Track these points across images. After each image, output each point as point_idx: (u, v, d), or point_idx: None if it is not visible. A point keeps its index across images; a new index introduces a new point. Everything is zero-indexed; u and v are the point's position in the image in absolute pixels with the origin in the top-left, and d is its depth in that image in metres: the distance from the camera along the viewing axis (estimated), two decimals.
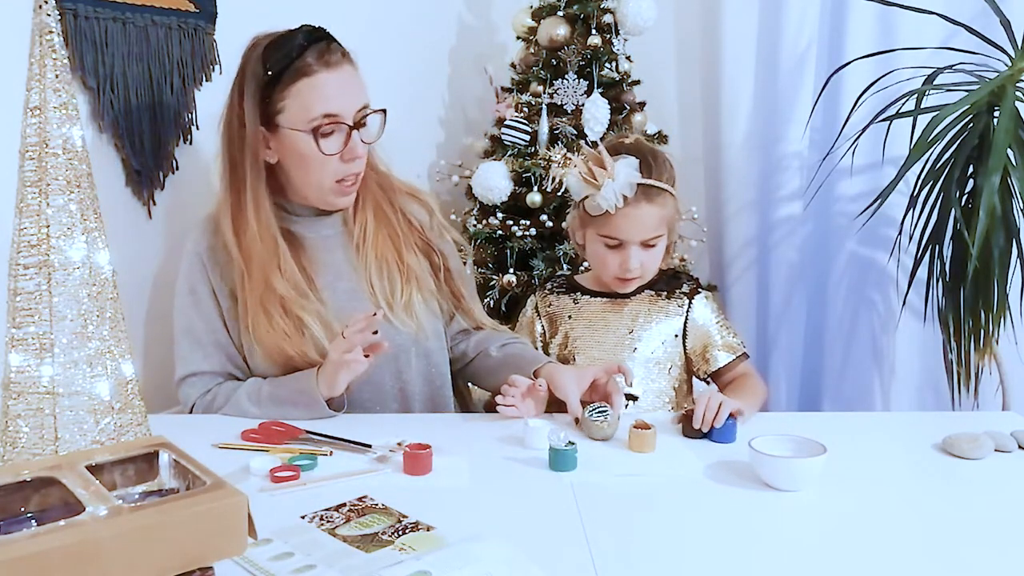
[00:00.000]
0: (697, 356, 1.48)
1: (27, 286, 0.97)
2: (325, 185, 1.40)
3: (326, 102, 1.35)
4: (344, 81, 1.37)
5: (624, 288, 1.48)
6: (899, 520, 1.03)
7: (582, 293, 1.53)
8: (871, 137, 1.86)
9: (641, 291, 1.50)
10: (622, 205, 1.38)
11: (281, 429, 1.29)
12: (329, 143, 1.36)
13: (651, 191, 1.40)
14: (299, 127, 1.35)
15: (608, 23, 1.99)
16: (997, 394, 1.79)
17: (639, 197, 1.39)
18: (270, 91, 1.36)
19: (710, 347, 1.46)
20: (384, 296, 1.42)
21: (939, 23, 1.76)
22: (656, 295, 1.49)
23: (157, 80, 1.57)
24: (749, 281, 2.15)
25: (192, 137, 1.66)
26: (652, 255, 1.44)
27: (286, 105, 1.36)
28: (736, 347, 1.47)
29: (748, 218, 2.11)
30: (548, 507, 1.05)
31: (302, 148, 1.37)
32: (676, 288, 1.49)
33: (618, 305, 1.50)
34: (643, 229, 1.41)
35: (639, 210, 1.40)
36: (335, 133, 1.37)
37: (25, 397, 0.97)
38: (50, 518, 0.74)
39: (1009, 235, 1.67)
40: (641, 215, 1.40)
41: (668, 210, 1.43)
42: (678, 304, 1.48)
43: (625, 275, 1.44)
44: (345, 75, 1.38)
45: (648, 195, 1.40)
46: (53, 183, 0.96)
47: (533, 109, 2.02)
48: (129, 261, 1.21)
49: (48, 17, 0.95)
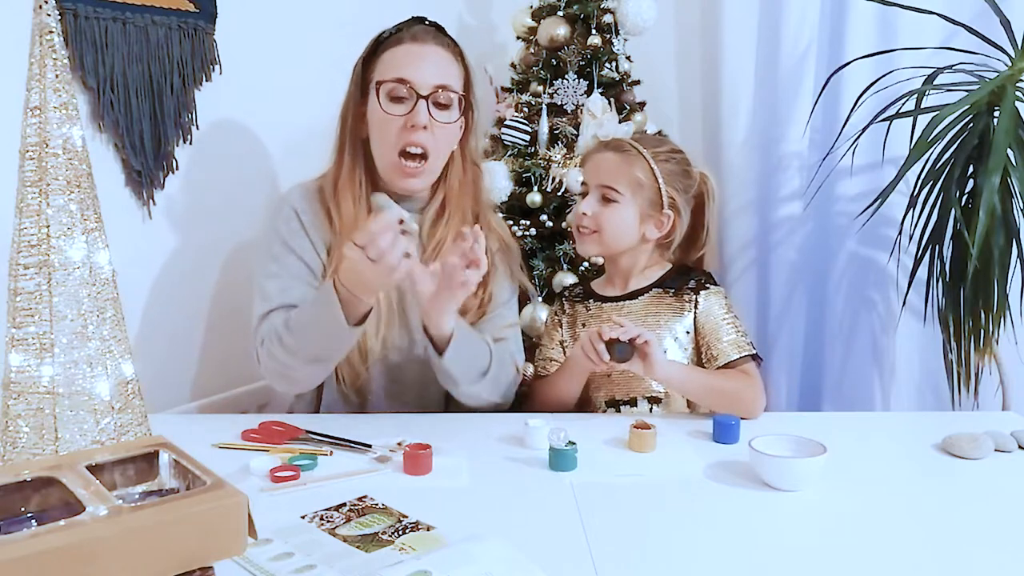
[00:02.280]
0: (704, 351, 1.47)
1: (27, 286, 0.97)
2: (387, 157, 1.41)
3: (400, 68, 1.39)
4: (426, 55, 1.40)
5: (581, 246, 1.52)
6: (899, 520, 1.03)
7: (595, 299, 1.54)
8: (871, 137, 1.85)
9: (649, 289, 1.50)
10: (589, 141, 1.50)
11: (281, 429, 1.29)
12: (394, 106, 1.39)
13: (622, 144, 1.49)
14: (374, 88, 1.40)
15: (608, 23, 1.99)
16: (997, 394, 1.79)
17: (608, 146, 1.50)
18: (368, 64, 1.43)
19: (717, 342, 1.45)
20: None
21: (939, 23, 1.76)
22: (664, 292, 1.49)
23: (157, 80, 1.57)
24: (749, 281, 2.15)
25: (192, 137, 1.66)
26: (608, 212, 1.46)
27: (373, 74, 1.41)
28: (743, 345, 1.45)
29: (748, 218, 2.11)
30: (548, 507, 1.05)
31: (373, 109, 1.41)
32: (684, 284, 1.49)
33: (627, 306, 1.50)
34: (600, 173, 1.48)
35: (602, 155, 1.49)
36: (405, 100, 1.39)
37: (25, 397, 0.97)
38: (50, 518, 0.74)
39: (1009, 235, 1.67)
40: (602, 158, 1.49)
41: (634, 170, 1.45)
42: (687, 300, 1.48)
43: (579, 221, 1.49)
44: (429, 51, 1.41)
45: (617, 147, 1.48)
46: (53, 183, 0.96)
47: (533, 109, 2.02)
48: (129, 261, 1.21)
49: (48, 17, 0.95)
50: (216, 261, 1.75)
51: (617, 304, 1.51)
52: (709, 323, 1.46)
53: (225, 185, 1.75)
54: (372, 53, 1.43)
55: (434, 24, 1.45)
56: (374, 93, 1.40)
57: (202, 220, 1.71)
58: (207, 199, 1.71)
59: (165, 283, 1.65)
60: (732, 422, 1.29)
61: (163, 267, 1.65)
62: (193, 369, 1.74)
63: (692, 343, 1.47)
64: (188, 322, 1.71)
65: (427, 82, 1.38)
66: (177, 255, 1.67)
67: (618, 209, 1.46)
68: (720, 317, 1.47)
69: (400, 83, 1.38)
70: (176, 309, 1.67)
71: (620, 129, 1.48)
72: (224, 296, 1.78)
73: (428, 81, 1.38)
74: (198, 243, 1.71)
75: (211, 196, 1.72)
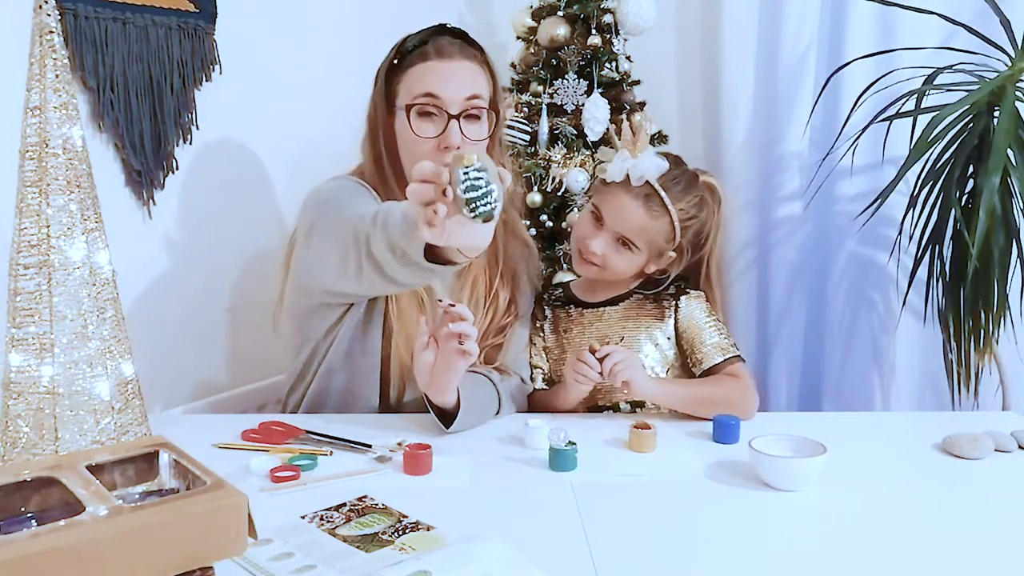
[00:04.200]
0: (688, 356, 1.46)
1: (27, 286, 0.97)
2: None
3: (428, 84, 1.34)
4: (454, 70, 1.36)
5: (582, 270, 1.48)
6: (899, 520, 1.03)
7: (575, 305, 1.52)
8: (871, 137, 1.85)
9: (630, 295, 1.49)
10: (619, 180, 1.39)
11: (281, 429, 1.29)
12: (425, 126, 1.35)
13: (653, 198, 1.39)
14: (401, 106, 1.37)
15: (608, 23, 1.99)
16: (997, 394, 1.79)
17: (637, 193, 1.39)
18: (392, 76, 1.39)
19: (700, 346, 1.44)
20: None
21: (939, 23, 1.76)
22: (644, 299, 1.48)
23: (157, 80, 1.57)
24: (749, 281, 2.15)
25: (192, 137, 1.66)
26: (620, 258, 1.43)
27: (400, 88, 1.38)
28: (727, 348, 1.44)
29: (748, 218, 2.11)
30: (548, 507, 1.05)
31: (402, 128, 1.37)
32: (664, 290, 1.48)
33: (608, 313, 1.49)
34: (622, 221, 1.40)
35: (629, 203, 1.39)
36: (435, 118, 1.35)
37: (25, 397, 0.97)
38: (50, 518, 0.74)
39: (1009, 235, 1.67)
40: (627, 207, 1.40)
41: (658, 229, 1.41)
42: (666, 305, 1.47)
43: (586, 252, 1.44)
44: (458, 66, 1.36)
45: (647, 201, 1.39)
46: (53, 183, 0.96)
47: (533, 109, 2.02)
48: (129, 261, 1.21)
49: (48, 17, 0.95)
50: (216, 261, 1.75)
51: (597, 311, 1.50)
52: (691, 328, 1.46)
53: (225, 185, 1.75)
54: (396, 64, 1.38)
55: (459, 33, 1.41)
56: (403, 114, 1.36)
57: (202, 220, 1.71)
58: (207, 199, 1.71)
59: (165, 283, 1.65)
60: (732, 422, 1.28)
61: (163, 267, 1.65)
62: (193, 369, 1.74)
63: (674, 349, 1.47)
64: (188, 322, 1.70)
65: (457, 98, 1.34)
66: (177, 255, 1.67)
67: (630, 257, 1.43)
68: (702, 321, 1.46)
69: (429, 98, 1.34)
70: (176, 309, 1.67)
71: (654, 170, 1.39)
72: (224, 296, 1.79)
73: (458, 96, 1.34)
74: (198, 243, 1.70)
75: (211, 196, 1.72)
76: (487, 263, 1.45)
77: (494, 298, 1.45)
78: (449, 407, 1.28)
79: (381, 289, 1.18)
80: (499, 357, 1.47)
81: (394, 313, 1.38)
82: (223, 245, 1.76)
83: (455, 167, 0.88)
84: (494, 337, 1.46)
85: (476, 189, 0.88)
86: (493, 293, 1.45)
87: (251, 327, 1.80)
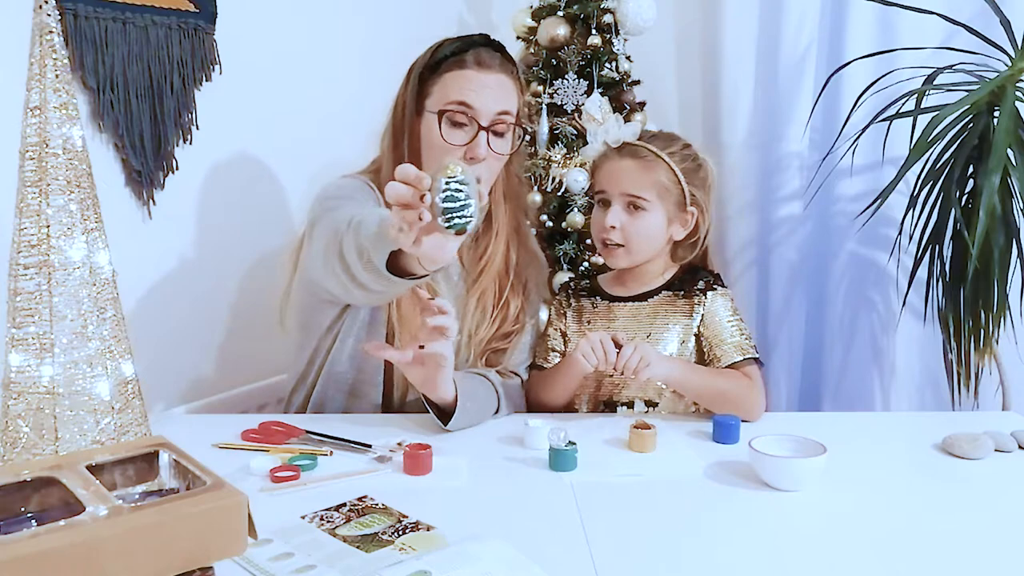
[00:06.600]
0: (707, 352, 1.45)
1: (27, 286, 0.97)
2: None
3: (463, 92, 1.36)
4: (489, 82, 1.37)
5: (610, 258, 1.48)
6: (899, 520, 1.03)
7: (601, 297, 1.52)
8: (871, 137, 1.85)
9: (659, 291, 1.48)
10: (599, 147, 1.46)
11: (281, 429, 1.29)
12: (454, 133, 1.36)
13: (638, 150, 1.44)
14: (432, 110, 1.37)
15: (608, 23, 1.99)
16: (997, 394, 1.79)
17: (624, 153, 1.44)
18: (427, 78, 1.39)
19: (720, 344, 1.43)
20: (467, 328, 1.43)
21: (939, 23, 1.76)
22: (675, 295, 1.47)
23: (157, 80, 1.57)
24: (749, 281, 2.15)
25: (192, 137, 1.66)
26: (637, 223, 1.43)
27: (433, 91, 1.38)
28: (746, 348, 1.43)
29: (748, 218, 2.11)
30: (548, 507, 1.05)
31: (429, 132, 1.38)
32: (692, 285, 1.47)
33: (636, 308, 1.48)
34: (622, 182, 1.43)
35: (620, 163, 1.44)
36: (464, 128, 1.37)
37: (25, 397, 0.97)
38: (50, 518, 0.74)
39: (1009, 235, 1.67)
40: (621, 167, 1.44)
41: (658, 175, 1.43)
42: (696, 301, 1.46)
43: (606, 235, 1.44)
44: (493, 79, 1.38)
45: (634, 153, 1.44)
46: (53, 183, 0.96)
47: (533, 109, 2.02)
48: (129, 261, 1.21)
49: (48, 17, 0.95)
50: (216, 261, 1.75)
51: (626, 305, 1.49)
52: (713, 324, 1.45)
53: (225, 185, 1.75)
54: (431, 66, 1.39)
55: (499, 46, 1.43)
56: (433, 117, 1.37)
57: (202, 220, 1.71)
58: (207, 199, 1.71)
59: (165, 283, 1.65)
60: (732, 422, 1.29)
61: (163, 267, 1.65)
62: (193, 369, 1.74)
63: (695, 343, 1.47)
64: (188, 322, 1.70)
65: (490, 111, 1.36)
66: (177, 255, 1.67)
67: (647, 217, 1.43)
68: (725, 319, 1.45)
69: (462, 106, 1.35)
70: (176, 309, 1.67)
71: (627, 130, 1.45)
72: (224, 296, 1.79)
73: (491, 109, 1.36)
74: (198, 243, 1.70)
75: (211, 196, 1.72)
76: (498, 273, 1.46)
77: (504, 306, 1.46)
78: (447, 403, 1.29)
79: (355, 294, 1.20)
80: (502, 361, 1.48)
81: (395, 318, 1.39)
82: (223, 245, 1.76)
83: (438, 176, 0.89)
84: (498, 343, 1.47)
85: (455, 200, 0.90)
86: (503, 302, 1.46)
87: (251, 327, 1.80)
